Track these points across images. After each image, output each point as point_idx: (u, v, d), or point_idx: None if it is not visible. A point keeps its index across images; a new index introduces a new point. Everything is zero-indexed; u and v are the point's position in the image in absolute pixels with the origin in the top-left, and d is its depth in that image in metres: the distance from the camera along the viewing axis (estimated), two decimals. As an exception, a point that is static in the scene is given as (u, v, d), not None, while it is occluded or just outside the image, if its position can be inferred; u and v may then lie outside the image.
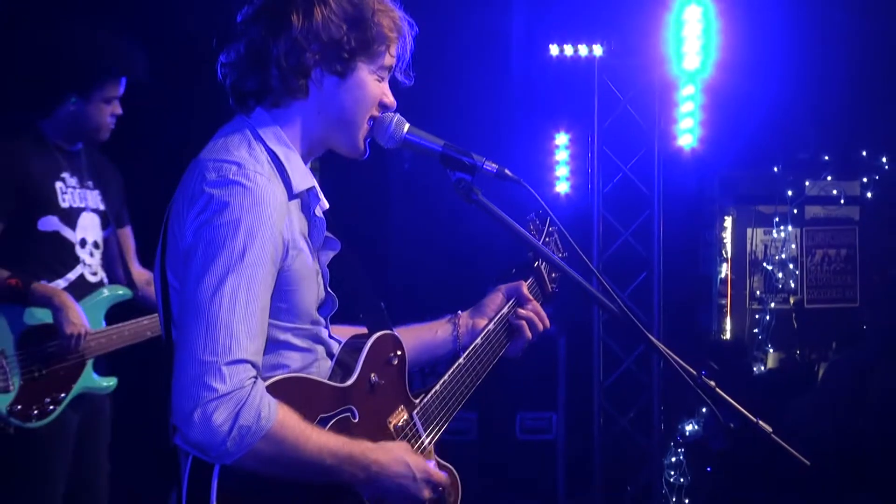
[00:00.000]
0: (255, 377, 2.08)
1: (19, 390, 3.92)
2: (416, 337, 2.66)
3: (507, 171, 2.41)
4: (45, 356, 4.01)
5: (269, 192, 2.15)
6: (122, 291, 4.29)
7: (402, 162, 7.10)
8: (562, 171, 7.76)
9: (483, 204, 2.38)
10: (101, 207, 4.27)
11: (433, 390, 2.55)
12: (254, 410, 2.04)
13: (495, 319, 2.74)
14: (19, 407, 3.92)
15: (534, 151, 7.68)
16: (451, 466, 2.52)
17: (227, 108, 2.35)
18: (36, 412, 3.95)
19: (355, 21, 2.27)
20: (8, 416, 3.89)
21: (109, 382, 4.23)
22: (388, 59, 2.35)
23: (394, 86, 2.42)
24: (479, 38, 7.14)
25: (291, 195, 2.24)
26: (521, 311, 2.77)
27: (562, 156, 7.77)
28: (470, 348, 2.67)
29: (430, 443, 2.50)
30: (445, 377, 2.59)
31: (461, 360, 2.64)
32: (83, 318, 4.02)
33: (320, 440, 2.15)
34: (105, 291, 4.23)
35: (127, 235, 4.44)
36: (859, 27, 7.47)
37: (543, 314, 2.81)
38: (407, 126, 2.40)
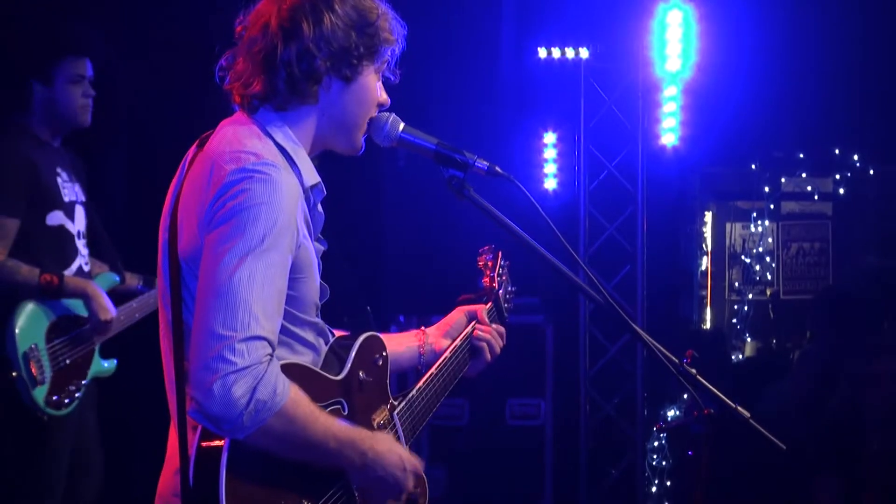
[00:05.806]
0: (272, 355, 2.10)
1: (51, 381, 4.00)
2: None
3: (497, 168, 2.45)
4: (68, 346, 4.09)
5: (285, 182, 2.17)
6: (115, 278, 4.38)
7: (396, 160, 7.17)
8: (549, 169, 7.83)
9: (475, 200, 2.41)
10: (84, 199, 4.32)
11: (410, 395, 2.60)
12: (270, 386, 2.06)
13: (460, 337, 2.79)
14: (54, 398, 4.02)
15: (523, 150, 7.73)
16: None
17: (223, 102, 2.36)
18: (67, 400, 4.06)
19: (362, 27, 2.30)
20: (45, 406, 3.97)
21: (111, 365, 4.31)
22: (386, 60, 2.40)
23: (385, 85, 2.45)
24: (471, 41, 7.20)
25: (302, 188, 2.27)
26: (482, 333, 2.82)
27: (549, 154, 7.83)
28: (440, 360, 2.72)
29: (406, 444, 2.52)
30: (420, 384, 2.65)
31: (433, 370, 2.70)
32: (111, 305, 4.12)
33: (327, 422, 2.18)
34: (102, 278, 4.32)
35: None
36: (832, 30, 7.51)
37: (502, 333, 2.88)
38: (402, 125, 2.44)
